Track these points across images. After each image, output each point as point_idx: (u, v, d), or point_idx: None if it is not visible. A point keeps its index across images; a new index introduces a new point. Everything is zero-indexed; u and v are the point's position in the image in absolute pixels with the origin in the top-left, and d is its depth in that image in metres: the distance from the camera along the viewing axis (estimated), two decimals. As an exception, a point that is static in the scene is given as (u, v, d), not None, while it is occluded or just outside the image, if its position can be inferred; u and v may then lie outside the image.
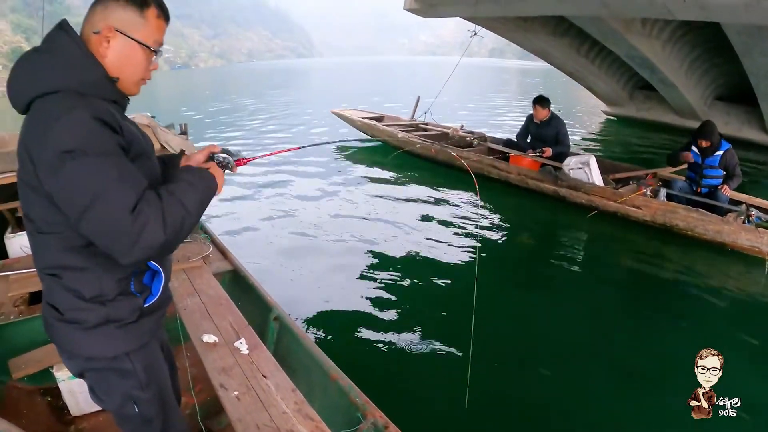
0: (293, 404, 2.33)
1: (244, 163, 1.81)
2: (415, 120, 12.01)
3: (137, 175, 1.34)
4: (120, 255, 1.30)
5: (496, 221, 7.18)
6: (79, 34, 1.46)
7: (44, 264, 1.50)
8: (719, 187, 6.34)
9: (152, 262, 1.58)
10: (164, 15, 1.52)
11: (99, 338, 1.51)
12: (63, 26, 1.44)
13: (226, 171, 1.76)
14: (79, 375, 1.62)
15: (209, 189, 1.52)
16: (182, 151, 1.86)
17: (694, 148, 6.50)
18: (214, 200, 1.60)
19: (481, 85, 38.41)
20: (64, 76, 1.37)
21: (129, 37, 1.45)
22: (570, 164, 7.38)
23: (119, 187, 1.27)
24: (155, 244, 1.30)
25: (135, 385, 1.60)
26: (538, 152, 8.00)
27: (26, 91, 1.39)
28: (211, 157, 1.77)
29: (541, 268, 5.91)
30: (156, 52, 1.53)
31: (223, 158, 1.77)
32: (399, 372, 3.85)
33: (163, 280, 1.62)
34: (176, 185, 1.42)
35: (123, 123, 1.42)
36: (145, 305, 1.58)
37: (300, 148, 2.22)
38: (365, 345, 4.17)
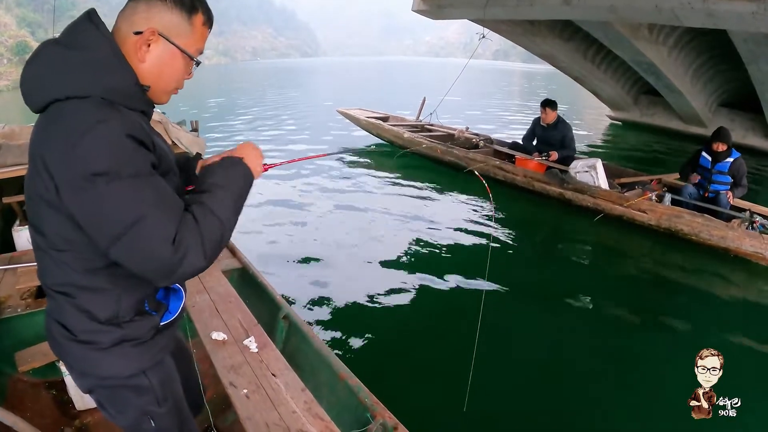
0: (303, 403, 2.33)
1: (266, 169, 1.64)
2: (421, 121, 12.01)
3: (174, 198, 1.23)
4: (156, 281, 1.24)
5: (503, 223, 7.16)
6: (110, 29, 1.31)
7: (54, 281, 1.36)
8: (725, 193, 6.35)
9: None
10: (210, 23, 1.39)
11: (114, 358, 1.41)
12: (92, 18, 1.27)
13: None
14: (88, 391, 1.51)
15: (242, 180, 1.40)
16: (198, 155, 1.70)
17: (704, 154, 6.52)
18: None
19: (486, 87, 38.36)
20: (93, 80, 1.21)
21: (172, 43, 1.31)
22: (576, 167, 7.40)
23: (157, 215, 1.16)
24: (196, 270, 1.22)
25: (151, 401, 1.52)
26: (545, 156, 8.01)
27: (47, 90, 1.22)
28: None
29: (546, 269, 5.91)
30: (197, 62, 1.40)
31: None
32: (408, 373, 3.84)
33: (182, 298, 1.54)
34: (207, 194, 1.30)
35: (155, 138, 1.30)
36: (162, 323, 1.48)
37: (326, 155, 2.22)
38: (373, 345, 4.17)
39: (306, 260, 5.71)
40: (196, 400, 2.00)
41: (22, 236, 4.10)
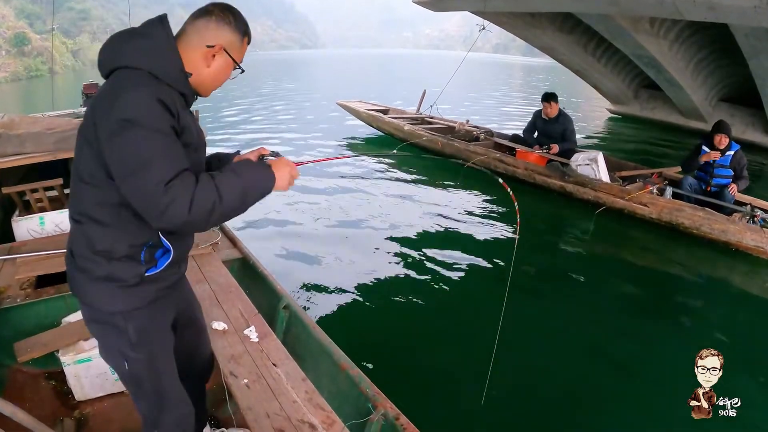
0: (304, 393, 2.32)
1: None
2: (421, 113, 11.97)
3: (181, 156, 1.49)
4: (149, 219, 1.47)
5: (503, 216, 7.15)
6: (170, 31, 1.64)
7: (75, 209, 1.65)
8: (728, 187, 6.34)
9: (167, 240, 1.69)
10: (249, 41, 1.76)
11: (102, 291, 1.66)
12: (163, 21, 1.63)
13: None
14: (87, 323, 1.78)
15: (259, 182, 1.63)
16: (237, 152, 1.97)
17: (705, 148, 6.49)
18: None
19: (485, 80, 38.32)
20: (149, 59, 1.55)
21: (230, 56, 1.69)
22: (578, 160, 7.39)
23: (161, 161, 1.42)
24: (177, 219, 1.43)
25: (126, 344, 1.72)
26: (545, 149, 7.98)
27: (113, 60, 1.57)
28: (260, 158, 1.85)
29: (547, 262, 5.90)
30: (242, 69, 1.77)
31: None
32: (408, 364, 3.84)
33: (170, 258, 1.72)
34: (221, 173, 1.55)
35: (181, 112, 1.57)
36: (147, 274, 1.68)
37: (349, 157, 2.27)
38: (375, 336, 4.18)
39: (306, 250, 5.71)
40: (201, 372, 2.24)
41: (21, 226, 4.09)
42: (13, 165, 3.98)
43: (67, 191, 4.53)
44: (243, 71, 1.77)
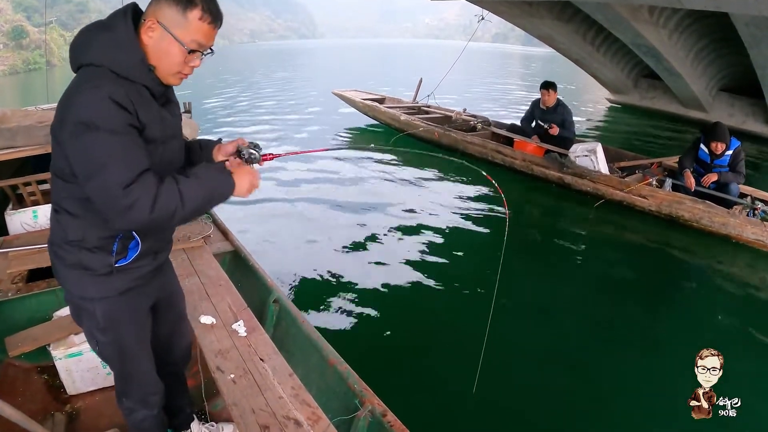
0: (290, 389, 2.31)
1: (270, 159, 1.94)
2: (417, 102, 11.91)
3: (139, 157, 1.51)
4: (110, 219, 1.52)
5: (501, 208, 7.13)
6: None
7: (53, 200, 1.73)
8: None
9: (135, 232, 1.73)
10: (211, 18, 1.61)
11: (73, 277, 1.75)
12: (126, 11, 1.61)
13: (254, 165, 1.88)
14: (66, 303, 1.89)
15: (219, 189, 1.67)
16: (219, 140, 2.01)
17: (703, 147, 6.40)
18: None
19: (484, 69, 38.16)
20: (109, 55, 1.55)
21: (168, 31, 1.57)
22: (576, 151, 7.35)
23: (119, 165, 1.45)
24: (139, 221, 1.49)
25: (95, 326, 1.82)
26: (546, 126, 7.91)
27: (79, 57, 1.58)
28: (238, 150, 1.91)
29: (545, 256, 5.90)
30: (192, 51, 1.62)
31: (249, 153, 1.89)
32: (397, 360, 3.84)
33: (138, 250, 1.77)
34: (187, 178, 1.59)
35: (141, 107, 1.56)
36: (117, 265, 1.74)
37: (326, 150, 2.26)
38: (365, 330, 4.17)
39: (299, 244, 5.71)
40: (179, 359, 2.30)
41: (14, 220, 4.08)
42: (5, 159, 3.96)
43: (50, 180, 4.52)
44: (203, 54, 1.67)
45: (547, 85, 7.93)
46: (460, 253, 5.66)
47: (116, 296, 1.78)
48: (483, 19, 12.47)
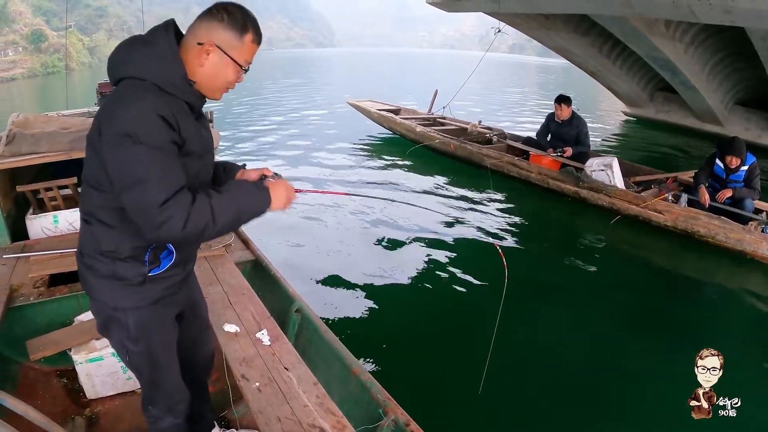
0: (315, 398, 2.32)
1: (298, 191, 1.95)
2: (433, 114, 11.92)
3: (177, 174, 1.54)
4: (144, 232, 1.54)
5: (517, 220, 7.13)
6: (178, 34, 1.70)
7: (84, 210, 1.73)
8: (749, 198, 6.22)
9: (170, 244, 1.77)
10: (258, 40, 1.71)
11: (106, 288, 1.75)
12: (167, 27, 1.66)
13: None
14: (95, 315, 1.88)
15: (255, 203, 1.70)
16: (244, 165, 2.05)
17: (718, 162, 6.36)
18: None
19: (501, 80, 38.23)
20: (152, 69, 1.58)
21: (226, 54, 1.65)
22: (592, 166, 7.32)
23: (157, 181, 1.48)
24: (171, 237, 1.53)
25: (126, 336, 1.82)
26: (559, 152, 7.94)
27: (121, 70, 1.61)
28: (261, 180, 1.88)
29: (561, 269, 5.85)
30: (245, 70, 1.72)
31: None
32: (421, 370, 3.84)
33: (173, 260, 1.80)
34: (220, 193, 1.62)
35: (183, 122, 1.60)
36: (150, 274, 1.76)
37: (347, 194, 2.26)
38: (388, 340, 4.16)
39: (319, 253, 5.72)
40: (203, 367, 2.33)
41: (35, 225, 4.10)
42: (28, 164, 3.99)
43: (81, 190, 4.55)
44: (246, 71, 1.74)
45: (561, 99, 7.95)
46: (482, 268, 5.64)
47: (148, 306, 1.80)
48: (500, 31, 12.48)
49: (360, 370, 2.59)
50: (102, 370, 2.85)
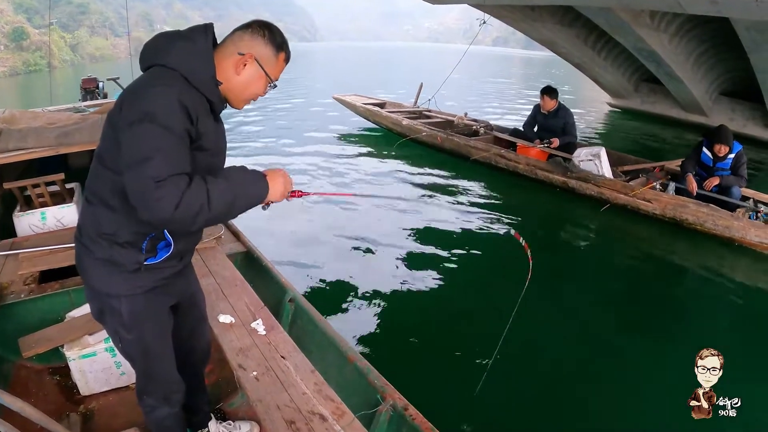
0: (313, 385, 2.33)
1: (299, 196, 1.99)
2: (418, 107, 11.90)
3: (183, 160, 1.56)
4: (137, 210, 1.53)
5: (506, 212, 7.14)
6: (212, 41, 1.77)
7: (90, 189, 1.76)
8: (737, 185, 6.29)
9: (169, 234, 1.77)
10: (288, 59, 1.84)
11: (101, 272, 1.78)
12: (207, 29, 1.75)
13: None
14: (88, 301, 1.91)
15: (252, 190, 1.71)
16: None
17: (705, 150, 6.43)
18: None
19: (485, 72, 38.28)
20: (186, 62, 1.66)
21: (261, 67, 1.76)
22: (580, 156, 7.36)
23: (161, 159, 1.49)
24: (162, 216, 1.50)
25: (120, 323, 1.84)
26: (546, 143, 7.97)
27: (155, 57, 1.68)
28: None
29: (550, 259, 5.88)
30: (273, 85, 1.84)
31: None
32: (416, 354, 3.86)
33: (170, 252, 1.80)
34: (215, 178, 1.61)
35: (202, 118, 1.67)
36: (146, 263, 1.78)
37: (353, 195, 2.27)
38: (382, 327, 4.18)
39: (310, 243, 5.72)
40: (199, 358, 2.33)
41: (23, 222, 4.08)
42: (15, 160, 3.96)
43: (68, 186, 4.52)
44: (275, 86, 1.85)
45: (546, 91, 8.00)
46: (474, 256, 5.66)
47: (142, 294, 1.82)
48: (485, 23, 12.49)
49: (356, 356, 2.61)
50: (95, 365, 2.83)
